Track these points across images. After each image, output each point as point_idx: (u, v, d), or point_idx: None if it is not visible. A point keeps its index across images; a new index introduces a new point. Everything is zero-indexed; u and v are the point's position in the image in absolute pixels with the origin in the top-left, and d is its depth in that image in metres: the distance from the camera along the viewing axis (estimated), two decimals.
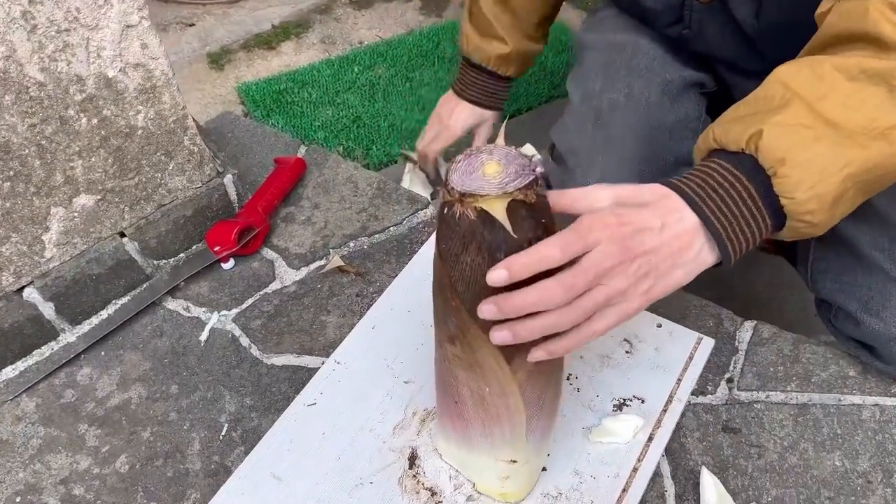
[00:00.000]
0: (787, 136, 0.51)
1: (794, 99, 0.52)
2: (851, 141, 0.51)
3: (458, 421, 0.63)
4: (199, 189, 0.93)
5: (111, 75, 0.77)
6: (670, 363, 0.78)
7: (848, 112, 0.51)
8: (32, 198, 0.78)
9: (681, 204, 0.52)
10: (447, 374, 0.60)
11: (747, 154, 0.53)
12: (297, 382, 0.82)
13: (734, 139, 0.53)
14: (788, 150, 0.51)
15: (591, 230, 0.49)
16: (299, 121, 1.43)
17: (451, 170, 0.51)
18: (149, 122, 0.83)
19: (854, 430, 0.73)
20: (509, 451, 0.62)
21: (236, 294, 0.92)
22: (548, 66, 1.52)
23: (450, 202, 0.50)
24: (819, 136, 0.51)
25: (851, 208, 0.55)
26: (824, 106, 0.52)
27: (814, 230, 0.54)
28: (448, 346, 0.57)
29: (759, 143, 0.51)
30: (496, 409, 0.58)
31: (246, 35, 1.71)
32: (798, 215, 0.52)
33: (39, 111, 0.73)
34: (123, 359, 0.87)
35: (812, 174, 0.51)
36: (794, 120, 0.52)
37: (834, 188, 0.51)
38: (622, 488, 0.68)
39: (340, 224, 1.00)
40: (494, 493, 0.68)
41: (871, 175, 0.53)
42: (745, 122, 0.53)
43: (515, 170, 0.50)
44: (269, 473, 0.72)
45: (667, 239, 0.51)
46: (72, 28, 0.71)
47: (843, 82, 0.52)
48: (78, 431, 0.80)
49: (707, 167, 0.54)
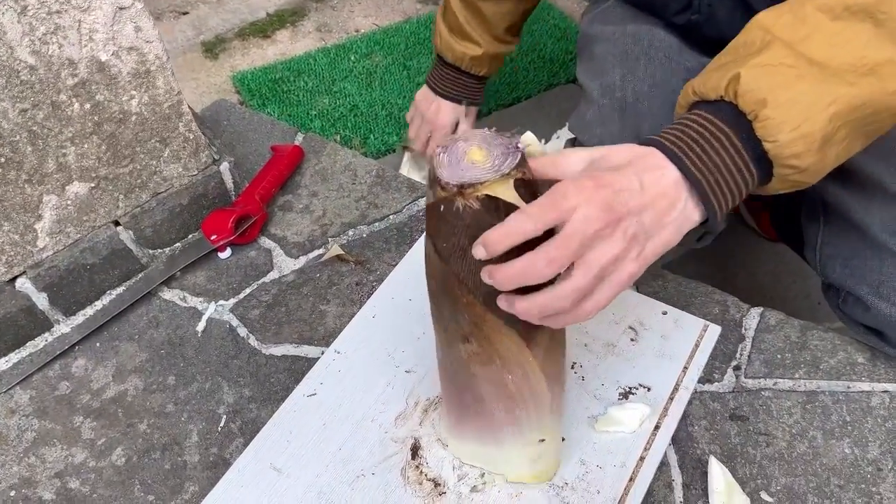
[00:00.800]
0: (767, 76, 0.49)
1: (775, 41, 0.50)
2: (838, 78, 0.49)
3: (480, 419, 0.62)
4: (195, 177, 0.91)
5: (104, 59, 0.75)
6: (676, 351, 0.77)
7: (833, 50, 0.49)
8: (24, 185, 0.76)
9: (660, 160, 0.50)
10: (463, 376, 0.59)
11: (726, 101, 0.51)
12: (297, 373, 0.80)
13: (713, 87, 0.51)
14: (770, 90, 0.49)
15: (566, 196, 0.47)
16: (295, 110, 1.41)
17: (435, 166, 0.49)
18: (143, 107, 0.81)
19: (863, 417, 0.72)
20: (536, 431, 0.61)
21: (233, 284, 0.91)
22: (546, 54, 1.51)
23: (446, 198, 0.48)
24: (802, 75, 0.49)
25: (847, 152, 0.53)
26: (807, 46, 0.50)
27: (804, 177, 0.51)
28: (463, 346, 0.56)
29: (738, 88, 0.50)
30: (521, 394, 0.57)
31: (241, 23, 1.69)
32: (784, 159, 0.50)
33: (31, 96, 0.71)
34: (119, 350, 0.85)
35: (796, 114, 0.48)
36: (774, 60, 0.50)
37: (821, 127, 0.49)
38: (629, 478, 0.67)
39: (339, 212, 0.98)
40: (528, 477, 0.67)
41: (862, 113, 0.50)
42: (724, 69, 0.51)
43: (501, 150, 0.49)
44: (269, 465, 0.71)
45: (649, 198, 0.49)
46: (63, 10, 0.69)
47: (827, 22, 0.50)
48: (73, 424, 0.79)
49: (686, 119, 0.52)
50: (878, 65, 0.49)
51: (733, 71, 0.50)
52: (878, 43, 0.49)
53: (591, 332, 0.79)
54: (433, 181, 0.49)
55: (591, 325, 0.79)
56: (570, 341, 0.78)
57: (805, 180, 0.52)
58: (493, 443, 0.64)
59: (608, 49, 0.88)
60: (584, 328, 0.79)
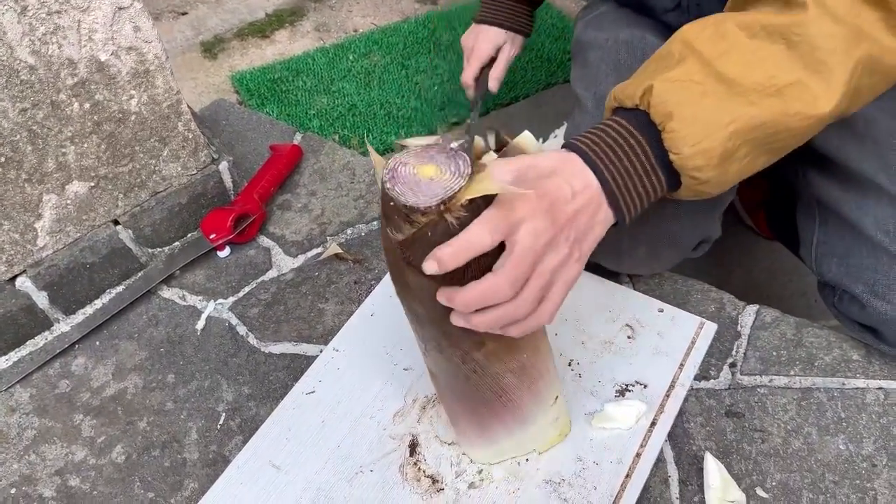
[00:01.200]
0: (675, 91, 0.51)
1: (690, 56, 0.52)
2: (741, 98, 0.51)
3: (505, 410, 0.63)
4: (194, 176, 0.91)
5: (103, 59, 0.75)
6: (672, 348, 0.77)
7: (747, 69, 0.51)
8: (24, 184, 0.76)
9: (579, 165, 0.52)
10: (482, 381, 0.59)
11: (641, 110, 0.53)
12: (296, 370, 0.81)
13: (629, 95, 0.53)
14: (677, 104, 0.51)
15: (514, 209, 0.48)
16: (294, 109, 1.41)
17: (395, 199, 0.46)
18: (142, 106, 0.81)
19: (858, 413, 0.73)
20: (551, 393, 0.64)
21: (233, 282, 0.91)
22: (544, 54, 1.51)
23: (433, 222, 0.46)
24: (707, 92, 0.51)
25: (751, 167, 0.54)
26: (723, 63, 0.51)
27: (706, 187, 0.53)
28: (478, 354, 0.56)
29: (651, 99, 0.52)
30: (535, 367, 0.60)
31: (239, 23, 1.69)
32: (687, 171, 0.52)
33: (31, 95, 0.72)
34: (119, 348, 0.86)
35: (697, 129, 0.50)
36: (685, 76, 0.52)
37: (720, 144, 0.51)
38: (625, 474, 0.68)
39: (338, 211, 0.99)
40: (555, 439, 0.69)
41: (762, 133, 0.52)
42: (640, 78, 0.53)
43: (444, 157, 0.47)
44: (268, 462, 0.71)
45: (580, 203, 0.51)
46: (63, 10, 0.70)
47: (744, 39, 0.52)
48: (73, 422, 0.79)
49: (604, 124, 0.54)
50: (785, 86, 0.50)
51: (648, 82, 0.52)
52: (789, 64, 0.51)
53: (588, 330, 0.79)
54: (399, 215, 0.46)
55: (589, 322, 0.80)
56: (567, 339, 0.79)
57: (708, 191, 0.54)
58: (520, 427, 0.65)
59: (601, 57, 0.88)
60: (581, 326, 0.80)
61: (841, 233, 0.75)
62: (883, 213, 0.70)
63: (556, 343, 0.78)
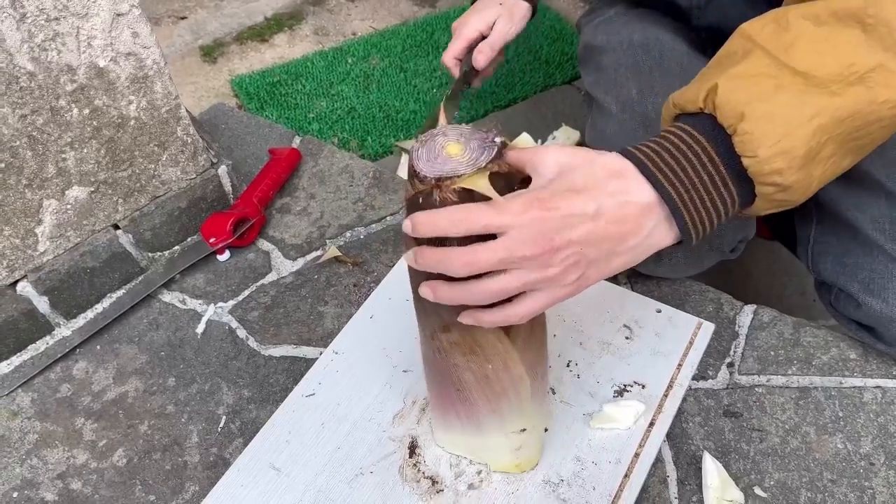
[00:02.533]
0: (745, 87, 0.46)
1: (756, 50, 0.48)
2: (821, 89, 0.46)
3: (463, 407, 0.62)
4: (194, 180, 0.92)
5: (102, 65, 0.76)
6: (670, 348, 0.77)
7: (819, 58, 0.46)
8: (24, 190, 0.77)
9: (631, 184, 0.48)
10: (443, 365, 0.60)
11: (706, 113, 0.48)
12: (295, 373, 0.81)
13: (691, 98, 0.49)
14: (748, 102, 0.46)
15: (506, 211, 0.46)
16: (293, 113, 1.42)
17: (413, 160, 0.50)
18: (141, 112, 0.82)
19: (856, 412, 0.73)
20: (518, 420, 0.62)
21: (232, 286, 0.92)
22: (542, 56, 1.51)
23: (425, 191, 0.49)
24: (783, 85, 0.46)
25: (834, 170, 0.49)
26: (791, 55, 0.47)
27: (789, 195, 0.48)
28: (442, 336, 0.57)
29: (716, 100, 0.47)
30: (501, 383, 0.58)
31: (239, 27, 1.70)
32: (764, 177, 0.47)
33: (30, 101, 0.72)
34: (119, 352, 0.86)
35: (776, 127, 0.45)
36: (754, 70, 0.47)
37: (804, 142, 0.45)
38: (624, 474, 0.68)
39: (336, 214, 0.99)
40: (510, 467, 0.68)
41: (850, 126, 0.47)
42: (704, 79, 0.49)
43: (478, 144, 0.49)
44: (269, 465, 0.71)
45: (601, 226, 0.47)
46: (61, 17, 0.70)
47: (812, 28, 0.47)
48: (74, 426, 0.80)
49: (665, 132, 0.50)
50: (867, 72, 0.46)
51: (712, 81, 0.48)
52: (867, 49, 0.46)
53: (587, 331, 0.80)
54: (411, 175, 0.50)
55: (587, 323, 0.80)
56: (565, 340, 0.79)
57: (791, 199, 0.49)
58: (476, 432, 0.64)
59: (618, 60, 0.87)
60: (580, 327, 0.80)
61: (837, 231, 0.75)
62: (880, 210, 0.71)
63: (555, 344, 0.78)
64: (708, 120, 0.48)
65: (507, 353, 0.56)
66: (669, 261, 0.79)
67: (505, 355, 0.56)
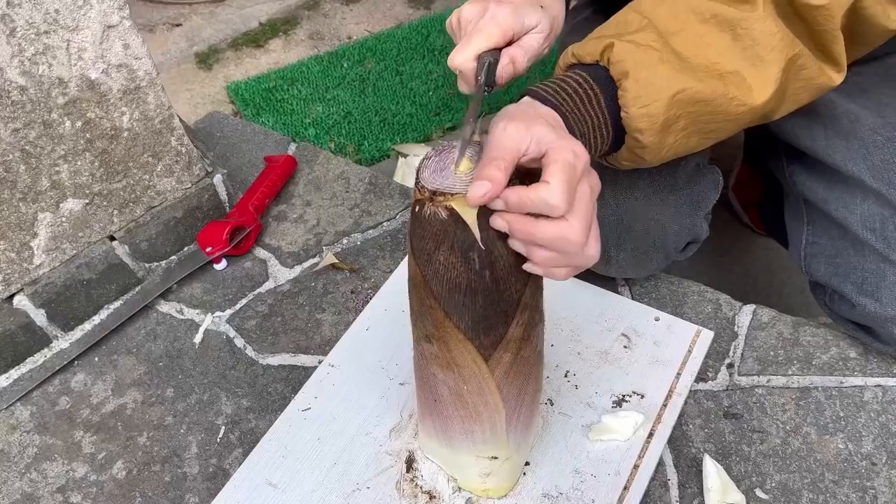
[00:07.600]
0: (635, 52, 0.53)
1: (649, 26, 0.55)
2: (691, 73, 0.54)
3: (439, 419, 0.62)
4: (189, 190, 0.92)
5: (94, 77, 0.75)
6: (669, 357, 0.77)
7: (696, 49, 0.54)
8: (19, 204, 0.76)
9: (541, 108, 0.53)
10: (426, 373, 0.59)
11: (601, 65, 0.55)
12: (294, 382, 0.81)
13: (590, 52, 0.55)
14: (634, 65, 0.53)
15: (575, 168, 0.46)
16: (290, 118, 1.41)
17: (422, 166, 0.50)
18: (134, 123, 0.81)
19: (857, 412, 0.73)
20: (490, 447, 0.61)
21: (230, 295, 0.91)
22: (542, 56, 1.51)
23: (420, 200, 0.49)
24: (665, 60, 0.54)
25: (684, 145, 0.57)
26: (676, 40, 0.54)
27: (644, 154, 0.56)
28: (425, 345, 0.56)
29: (611, 56, 0.54)
30: (475, 406, 0.58)
31: (234, 33, 1.70)
32: (631, 130, 0.54)
33: (22, 115, 0.72)
34: (117, 364, 0.86)
35: (648, 93, 0.53)
36: (645, 40, 0.54)
37: (664, 110, 0.53)
38: (623, 486, 0.67)
39: (333, 221, 0.99)
40: (477, 489, 0.67)
41: (703, 109, 0.55)
42: (602, 38, 0.56)
43: None
44: (265, 481, 0.71)
45: None
46: (51, 30, 0.70)
47: (695, 23, 0.54)
48: (74, 438, 0.79)
49: (564, 76, 0.56)
50: (726, 73, 0.54)
51: (609, 41, 0.54)
52: (731, 54, 0.54)
53: (584, 340, 0.79)
54: (415, 180, 0.50)
55: (585, 333, 0.80)
56: (563, 350, 0.78)
57: (646, 157, 0.56)
58: (448, 445, 0.64)
59: None
60: (578, 336, 0.79)
61: (828, 232, 0.75)
62: (869, 210, 0.70)
63: (553, 354, 0.78)
64: (602, 71, 0.55)
65: (483, 378, 0.55)
66: (618, 262, 0.80)
67: (480, 380, 0.55)
